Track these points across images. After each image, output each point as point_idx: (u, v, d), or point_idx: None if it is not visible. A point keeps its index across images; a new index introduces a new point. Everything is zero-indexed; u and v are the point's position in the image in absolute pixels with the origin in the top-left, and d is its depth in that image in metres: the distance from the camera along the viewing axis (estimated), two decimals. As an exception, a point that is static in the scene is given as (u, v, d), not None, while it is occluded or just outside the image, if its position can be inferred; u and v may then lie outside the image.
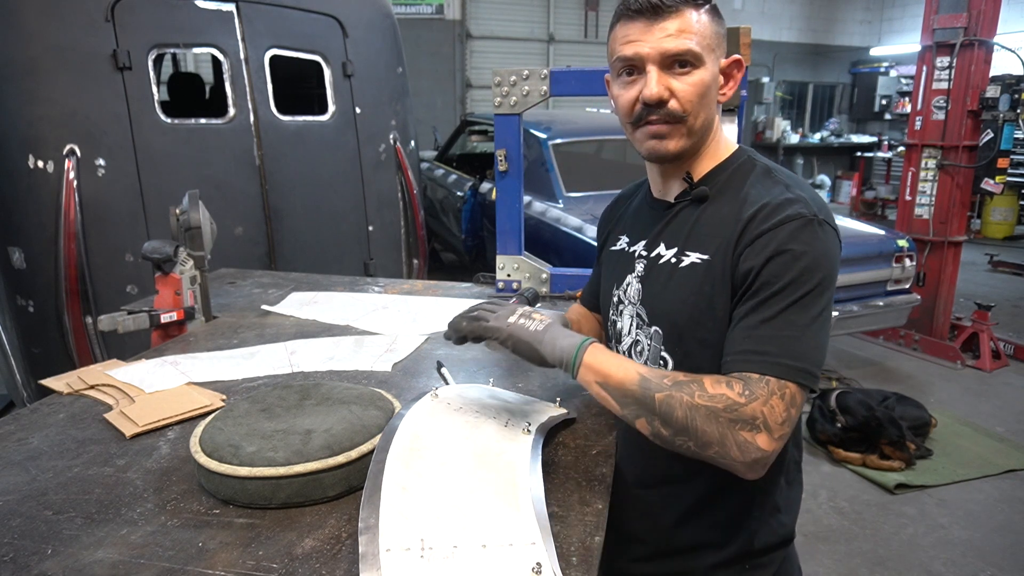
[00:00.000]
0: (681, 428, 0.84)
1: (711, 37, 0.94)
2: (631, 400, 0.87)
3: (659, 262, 1.03)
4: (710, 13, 0.95)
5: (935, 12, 4.32)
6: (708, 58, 0.94)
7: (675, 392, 0.85)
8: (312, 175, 3.21)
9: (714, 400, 0.83)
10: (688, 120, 0.96)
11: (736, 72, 1.00)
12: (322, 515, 0.91)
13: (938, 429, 3.48)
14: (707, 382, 0.85)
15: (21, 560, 0.81)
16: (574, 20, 10.07)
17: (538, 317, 0.96)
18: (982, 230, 8.78)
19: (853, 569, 2.53)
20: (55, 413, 1.22)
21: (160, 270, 1.67)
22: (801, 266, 0.86)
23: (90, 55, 2.54)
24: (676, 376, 0.87)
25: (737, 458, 0.83)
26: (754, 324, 0.87)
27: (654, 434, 0.87)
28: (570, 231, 3.67)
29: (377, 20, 3.41)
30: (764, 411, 0.82)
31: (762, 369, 0.85)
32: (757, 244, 0.89)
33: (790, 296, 0.86)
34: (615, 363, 0.90)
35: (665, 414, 0.85)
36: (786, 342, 0.85)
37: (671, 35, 0.92)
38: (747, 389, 0.83)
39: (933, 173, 4.53)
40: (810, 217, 0.89)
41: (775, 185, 0.95)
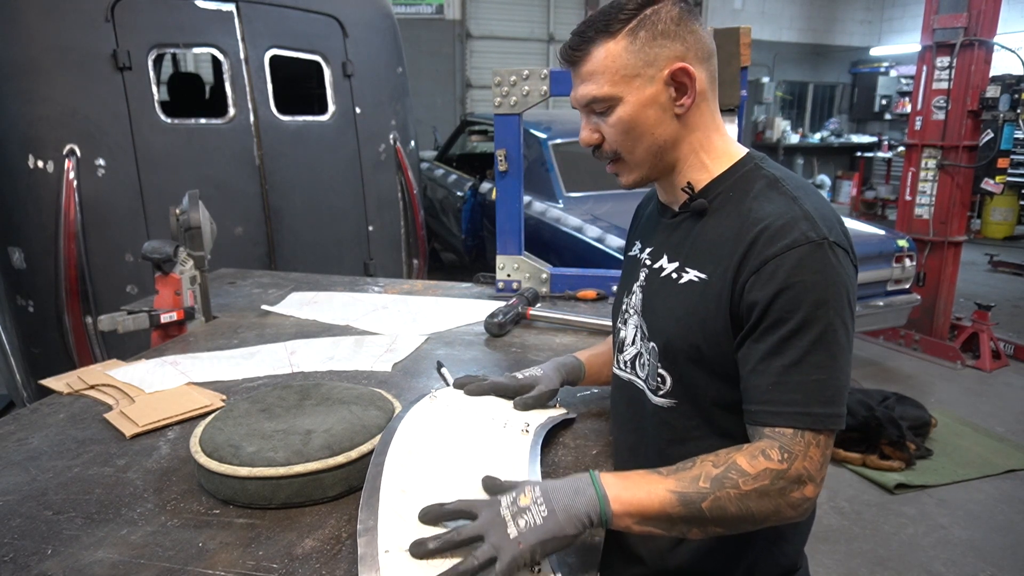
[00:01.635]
0: (738, 520, 0.81)
1: (629, 66, 0.89)
2: (678, 521, 0.81)
3: (660, 275, 0.99)
4: (628, 36, 0.89)
5: (935, 12, 4.31)
6: (627, 90, 0.90)
7: (718, 492, 0.80)
8: (312, 175, 3.21)
9: (759, 479, 0.80)
10: (623, 157, 0.95)
11: (687, 79, 0.90)
12: (322, 515, 0.91)
13: (938, 429, 3.48)
14: (742, 462, 0.81)
15: (21, 560, 0.81)
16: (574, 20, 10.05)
17: (528, 499, 0.78)
18: (982, 230, 8.77)
19: (853, 569, 2.53)
20: (55, 413, 1.22)
21: (160, 270, 1.67)
22: (814, 299, 0.81)
23: (90, 55, 2.54)
24: (708, 470, 0.81)
25: (792, 515, 0.82)
26: (777, 371, 0.83)
27: (708, 535, 0.83)
28: (570, 231, 3.67)
29: (377, 20, 3.41)
30: (807, 466, 0.81)
31: (795, 423, 0.82)
32: (763, 272, 0.83)
33: (808, 335, 0.81)
34: (643, 493, 0.80)
35: (718, 518, 0.80)
36: (814, 388, 0.81)
37: (584, 82, 0.92)
38: (784, 451, 0.81)
39: (933, 173, 4.53)
40: (819, 241, 0.83)
41: (781, 198, 0.88)
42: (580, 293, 1.96)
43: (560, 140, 4.26)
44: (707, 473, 0.81)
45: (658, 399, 0.98)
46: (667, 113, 0.92)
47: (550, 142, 4.21)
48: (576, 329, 1.71)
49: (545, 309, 1.79)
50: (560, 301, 1.96)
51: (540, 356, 1.51)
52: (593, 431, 1.17)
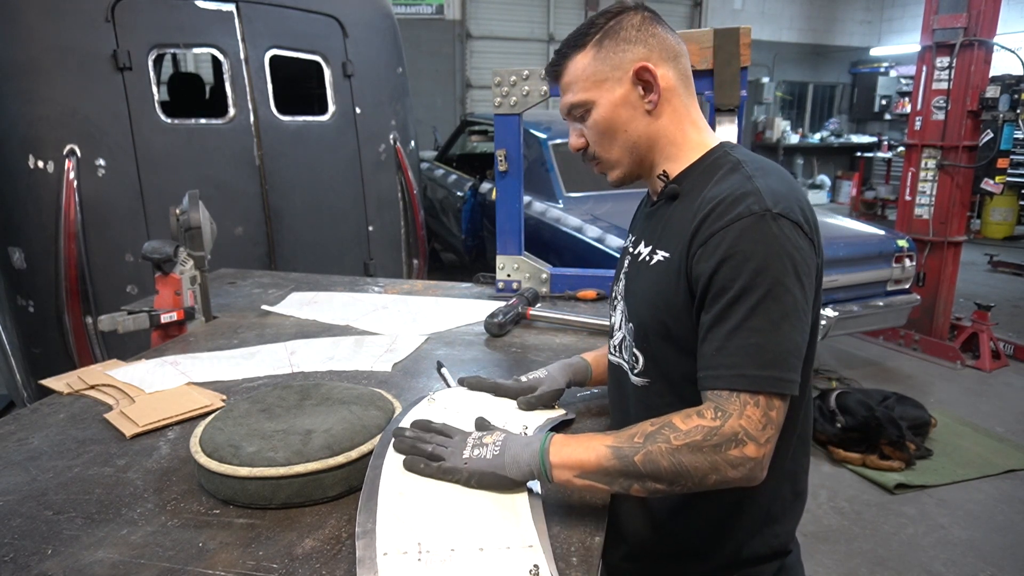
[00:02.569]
0: (673, 476, 0.83)
1: (597, 72, 0.98)
2: (615, 475, 0.85)
3: (638, 260, 1.05)
4: (594, 47, 0.98)
5: (935, 12, 4.31)
6: (598, 94, 0.99)
7: (650, 446, 0.83)
8: (312, 175, 3.21)
9: (691, 435, 0.83)
10: (603, 157, 1.03)
11: (647, 76, 0.97)
12: (322, 515, 0.91)
13: (938, 429, 3.48)
14: (677, 420, 0.85)
15: (21, 560, 0.81)
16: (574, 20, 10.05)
17: (489, 440, 0.91)
18: (982, 230, 8.77)
19: (853, 569, 2.53)
20: (55, 413, 1.22)
21: (160, 270, 1.67)
22: (752, 268, 0.84)
23: (90, 55, 2.54)
24: (644, 429, 0.86)
25: (736, 476, 0.83)
26: (720, 337, 0.86)
27: (650, 492, 0.85)
28: (570, 231, 3.67)
29: (377, 20, 3.41)
30: (743, 424, 0.82)
31: (731, 384, 0.84)
32: (708, 245, 0.88)
33: (746, 302, 0.84)
34: (581, 448, 0.87)
35: (652, 472, 0.83)
36: (752, 351, 0.84)
37: (564, 93, 1.02)
38: (719, 411, 0.84)
39: (933, 173, 4.53)
40: (761, 213, 0.86)
41: (738, 177, 0.92)
42: (580, 293, 1.96)
43: (560, 140, 4.26)
44: (643, 431, 0.86)
45: (635, 378, 1.03)
46: (638, 111, 0.99)
47: (550, 142, 4.21)
48: (576, 329, 1.71)
49: (545, 309, 1.79)
50: (560, 301, 1.96)
51: (540, 356, 1.51)
52: (593, 431, 1.17)
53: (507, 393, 1.16)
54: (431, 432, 0.95)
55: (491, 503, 0.86)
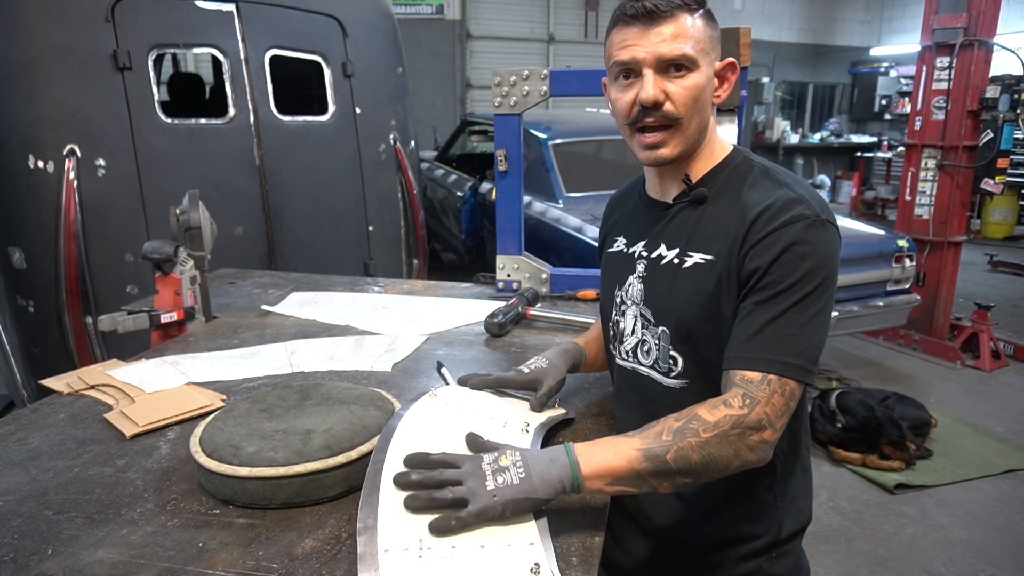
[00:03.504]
0: (702, 468, 0.86)
1: (705, 41, 0.96)
2: (647, 476, 0.85)
3: (661, 263, 1.04)
4: (704, 17, 0.97)
5: (935, 12, 4.31)
6: (703, 61, 0.96)
7: (680, 442, 0.85)
8: (312, 175, 3.21)
9: (719, 425, 0.86)
10: (682, 123, 0.97)
11: (730, 75, 1.01)
12: (322, 515, 0.91)
13: (938, 429, 3.48)
14: (703, 412, 0.87)
15: (21, 560, 0.81)
16: (574, 20, 10.06)
17: (508, 461, 0.84)
18: (982, 230, 8.77)
19: (853, 569, 2.53)
20: (55, 413, 1.22)
21: (160, 270, 1.67)
22: (807, 266, 0.89)
23: (90, 55, 2.54)
24: (669, 425, 0.87)
25: (752, 459, 0.88)
26: (758, 323, 0.90)
27: (678, 487, 0.88)
28: (570, 231, 3.67)
29: (377, 20, 3.41)
30: (767, 411, 0.87)
31: (764, 368, 0.88)
32: (763, 244, 0.91)
33: (794, 295, 0.89)
34: (611, 455, 0.85)
35: (684, 467, 0.85)
36: (787, 340, 0.89)
37: (666, 39, 0.94)
38: (747, 398, 0.87)
39: (933, 173, 4.53)
40: (814, 218, 0.91)
41: (777, 186, 0.97)
42: (580, 293, 1.96)
43: (560, 140, 4.26)
44: (669, 427, 0.87)
45: (670, 381, 1.03)
46: (710, 98, 1.00)
47: (550, 142, 4.21)
48: (576, 329, 1.70)
49: (545, 309, 1.79)
50: (560, 301, 1.96)
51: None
52: (593, 431, 1.17)
53: (511, 386, 1.16)
54: (435, 467, 0.86)
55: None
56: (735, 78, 1.02)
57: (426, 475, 0.84)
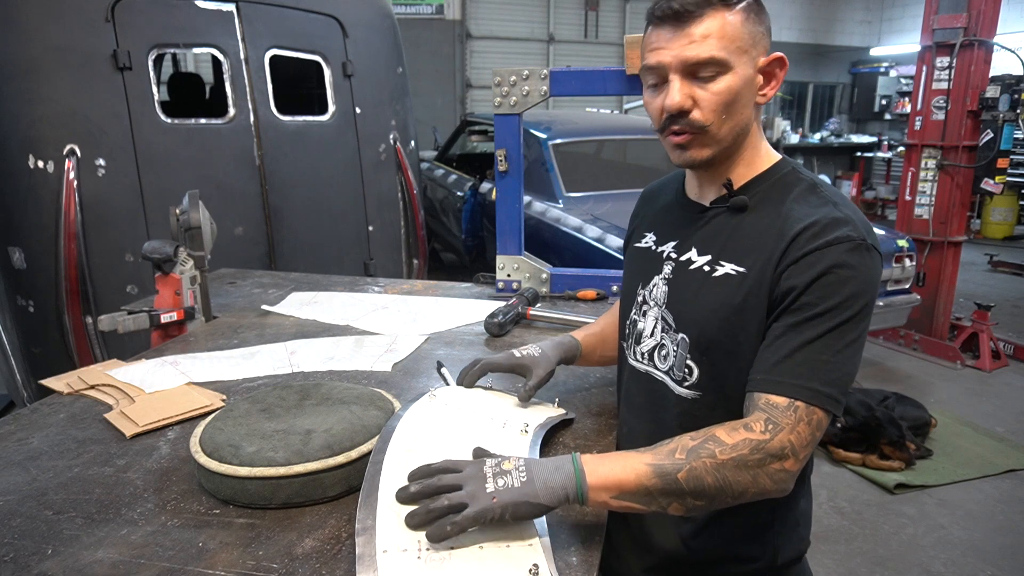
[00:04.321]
0: (716, 492, 0.82)
1: (743, 39, 0.90)
2: (656, 494, 0.82)
3: (689, 267, 0.99)
4: (744, 12, 0.90)
5: (935, 12, 4.31)
6: (738, 61, 0.90)
7: (694, 462, 0.81)
8: (312, 175, 3.21)
9: (737, 448, 0.81)
10: (711, 129, 0.92)
11: (779, 71, 0.94)
12: (322, 515, 0.91)
13: (938, 429, 3.48)
14: (721, 434, 0.83)
15: (21, 560, 0.81)
16: (574, 20, 10.06)
17: (510, 466, 0.81)
18: (982, 230, 8.78)
19: (853, 569, 2.53)
20: (55, 413, 1.22)
21: (160, 270, 1.67)
22: (847, 292, 0.84)
23: (90, 55, 2.54)
24: (684, 443, 0.83)
25: (772, 488, 0.84)
26: (790, 346, 0.85)
27: (689, 510, 0.84)
28: (570, 231, 3.67)
29: (377, 20, 3.41)
30: (792, 439, 0.82)
31: (792, 394, 0.83)
32: (803, 263, 0.86)
33: (831, 321, 0.84)
34: (619, 467, 0.82)
35: (695, 489, 0.81)
36: (820, 367, 0.84)
37: (694, 42, 0.88)
38: (770, 423, 0.83)
39: (933, 173, 4.53)
40: (859, 241, 0.86)
41: (822, 203, 0.91)
42: (580, 293, 1.96)
43: (560, 140, 4.26)
44: (684, 445, 0.83)
45: (683, 390, 0.99)
46: (752, 98, 0.94)
47: (550, 142, 4.21)
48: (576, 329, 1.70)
49: (545, 309, 1.79)
50: (560, 301, 1.96)
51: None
52: (593, 431, 1.17)
53: (499, 369, 1.14)
54: (434, 475, 0.82)
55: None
56: (783, 74, 0.95)
57: (425, 484, 0.80)
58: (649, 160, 4.70)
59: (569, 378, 1.39)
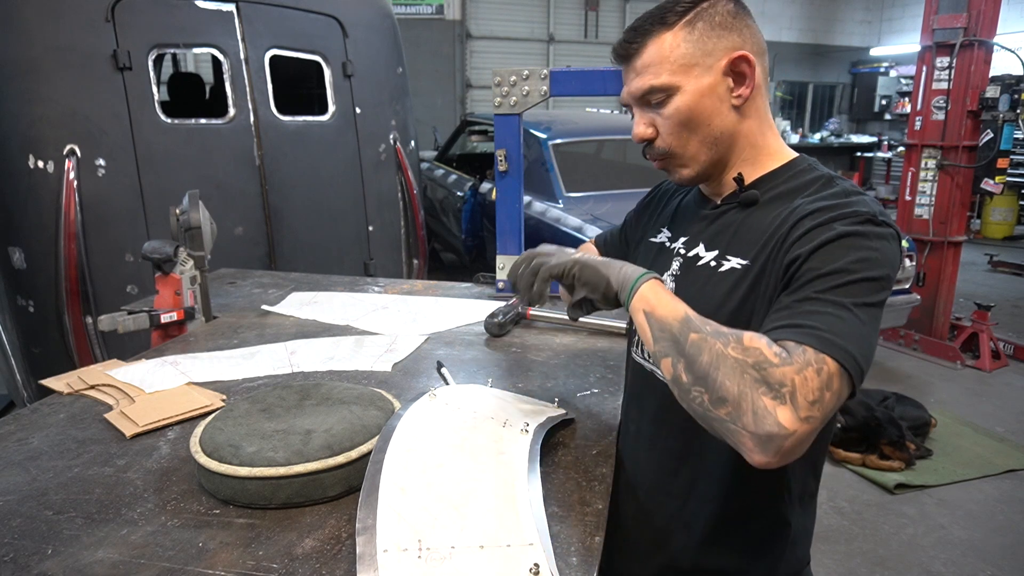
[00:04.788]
0: (701, 375, 0.76)
1: (688, 55, 0.89)
2: (666, 336, 0.81)
3: (697, 263, 0.98)
4: (687, 26, 0.89)
5: (935, 12, 4.31)
6: (685, 79, 0.90)
7: (709, 338, 0.77)
8: (312, 175, 3.21)
9: (746, 354, 0.73)
10: (676, 152, 0.94)
11: (746, 68, 0.91)
12: (322, 515, 0.91)
13: (938, 429, 3.48)
14: (746, 335, 0.76)
15: (21, 560, 0.81)
16: (574, 20, 10.07)
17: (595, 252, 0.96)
18: (982, 230, 8.78)
19: (853, 569, 2.53)
20: (55, 413, 1.22)
21: (160, 270, 1.67)
22: (854, 256, 0.78)
23: (90, 55, 2.54)
24: (719, 326, 0.79)
25: (749, 427, 0.71)
26: (796, 301, 0.78)
27: (674, 378, 0.80)
28: (570, 231, 3.67)
29: (377, 20, 3.41)
30: (795, 379, 0.71)
31: (799, 338, 0.74)
32: (807, 237, 0.82)
33: (838, 279, 0.77)
34: (668, 299, 0.84)
35: (691, 356, 0.77)
36: (829, 319, 0.75)
37: (639, 75, 0.92)
38: (784, 351, 0.73)
39: (933, 173, 4.53)
40: (869, 215, 0.81)
41: (837, 192, 0.88)
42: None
43: (560, 140, 4.26)
44: (717, 326, 0.79)
45: None
46: (724, 104, 0.92)
47: (550, 142, 4.21)
48: (576, 329, 1.71)
49: (545, 309, 1.79)
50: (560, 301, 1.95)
51: (540, 356, 1.51)
52: (593, 431, 1.17)
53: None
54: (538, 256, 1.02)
55: (492, 500, 0.86)
56: (753, 70, 0.91)
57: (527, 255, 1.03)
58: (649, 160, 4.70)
59: (569, 378, 1.39)
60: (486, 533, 0.80)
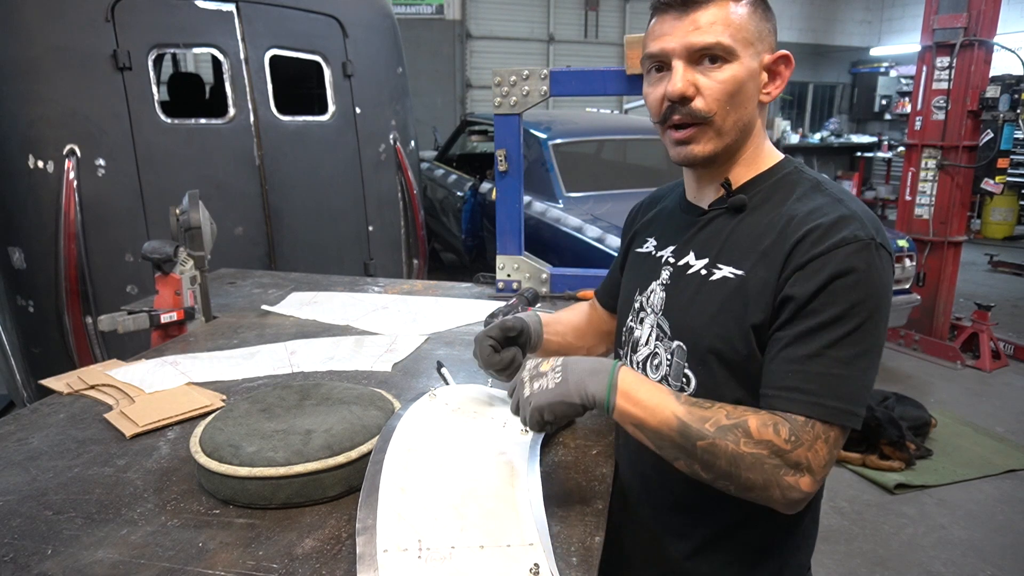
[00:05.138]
0: (724, 475, 0.81)
1: (749, 31, 0.87)
2: (668, 444, 0.82)
3: (687, 272, 0.96)
4: (751, 5, 0.88)
5: (935, 12, 4.31)
6: (744, 53, 0.87)
7: (718, 440, 0.79)
8: (312, 175, 3.21)
9: (758, 447, 0.79)
10: (715, 120, 0.89)
11: (784, 69, 0.91)
12: (322, 515, 0.91)
13: (938, 429, 3.48)
14: (752, 424, 0.80)
15: (21, 560, 0.81)
16: (574, 20, 10.06)
17: (546, 367, 0.86)
18: (982, 230, 8.77)
19: (853, 569, 2.53)
20: (55, 413, 1.22)
21: (160, 270, 1.67)
22: (854, 297, 0.80)
23: (90, 55, 2.54)
24: (718, 418, 0.81)
25: (779, 500, 0.81)
26: (799, 358, 0.81)
27: (692, 474, 0.83)
28: (570, 231, 3.67)
29: (377, 20, 3.41)
30: (809, 456, 0.79)
31: (808, 411, 0.80)
32: (809, 268, 0.82)
33: (840, 329, 0.80)
34: (651, 402, 0.83)
35: (707, 462, 0.80)
36: (833, 381, 0.80)
37: (700, 28, 0.86)
38: (793, 434, 0.79)
39: (933, 173, 4.53)
40: (867, 241, 0.82)
41: (826, 200, 0.88)
42: (580, 293, 1.96)
43: (560, 140, 4.26)
44: (717, 420, 0.81)
45: None
46: (756, 95, 0.91)
47: (550, 142, 4.21)
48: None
49: (545, 309, 1.79)
50: (560, 301, 1.96)
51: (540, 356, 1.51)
52: (593, 431, 1.17)
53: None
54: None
55: (492, 500, 0.86)
56: (789, 73, 0.92)
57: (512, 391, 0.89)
58: (649, 160, 4.70)
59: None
60: (486, 533, 0.80)
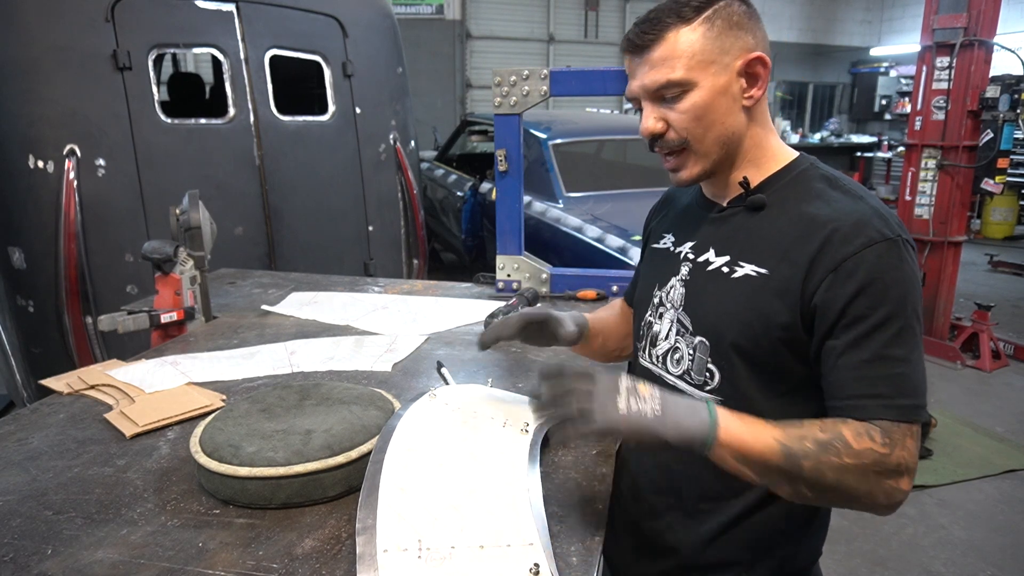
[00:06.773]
0: (830, 490, 0.82)
1: (706, 51, 0.89)
2: (774, 471, 0.83)
3: (707, 268, 0.98)
4: (706, 23, 0.89)
5: (935, 12, 4.31)
6: (703, 75, 0.89)
7: (822, 456, 0.81)
8: (312, 175, 3.21)
9: (862, 457, 0.81)
10: (692, 145, 0.93)
11: (761, 70, 0.92)
12: (322, 515, 0.91)
13: (938, 429, 3.48)
14: (848, 435, 0.81)
15: (21, 560, 0.81)
16: (574, 20, 10.07)
17: (645, 392, 0.82)
18: (982, 230, 8.77)
19: (853, 569, 2.53)
20: (55, 413, 1.22)
21: (160, 270, 1.67)
22: (895, 296, 0.83)
23: (90, 55, 2.54)
24: (814, 433, 0.82)
25: (884, 504, 0.83)
26: (861, 364, 0.83)
27: (794, 495, 0.84)
28: (570, 231, 3.67)
29: (377, 20, 3.41)
30: (905, 456, 0.82)
31: (887, 415, 0.82)
32: (842, 271, 0.84)
33: (891, 328, 0.83)
34: (749, 433, 0.83)
35: (813, 480, 0.81)
36: (899, 381, 0.83)
37: (654, 67, 0.90)
38: (887, 436, 0.81)
39: (933, 173, 4.53)
40: (894, 238, 0.84)
41: (845, 197, 0.90)
42: (580, 293, 1.96)
43: (560, 140, 4.26)
44: (814, 435, 0.82)
45: (703, 394, 0.97)
46: (736, 104, 0.92)
47: (550, 142, 4.21)
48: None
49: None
50: (560, 301, 1.96)
51: (540, 356, 1.51)
52: (593, 431, 1.16)
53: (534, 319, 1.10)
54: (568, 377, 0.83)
55: (492, 500, 0.86)
56: (767, 72, 0.93)
57: (558, 384, 0.82)
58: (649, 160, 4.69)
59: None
60: (486, 533, 0.80)
